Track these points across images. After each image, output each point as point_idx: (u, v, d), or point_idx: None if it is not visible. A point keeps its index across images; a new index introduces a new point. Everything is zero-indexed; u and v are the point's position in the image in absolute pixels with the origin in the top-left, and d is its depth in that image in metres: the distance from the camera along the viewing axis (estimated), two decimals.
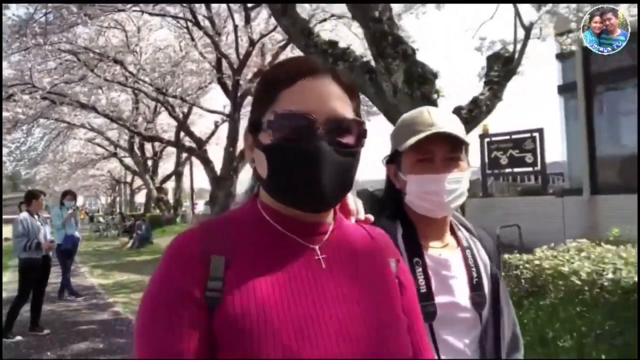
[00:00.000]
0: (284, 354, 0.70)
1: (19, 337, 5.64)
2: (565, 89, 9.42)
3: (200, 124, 19.94)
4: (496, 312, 1.18)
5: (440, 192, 1.13)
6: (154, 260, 12.27)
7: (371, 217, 1.03)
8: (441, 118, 1.17)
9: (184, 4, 11.62)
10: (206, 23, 12.40)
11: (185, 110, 16.51)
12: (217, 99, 45.45)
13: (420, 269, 1.12)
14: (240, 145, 14.56)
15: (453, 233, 1.24)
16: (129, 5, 11.22)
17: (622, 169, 8.77)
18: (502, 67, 6.07)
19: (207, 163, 15.07)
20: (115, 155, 25.99)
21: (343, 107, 0.80)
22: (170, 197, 24.39)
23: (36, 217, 6.06)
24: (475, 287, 1.15)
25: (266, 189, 0.82)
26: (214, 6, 12.54)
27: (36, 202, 6.16)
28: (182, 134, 17.20)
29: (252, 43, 12.50)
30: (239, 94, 13.37)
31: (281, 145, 0.77)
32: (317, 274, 0.79)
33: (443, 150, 1.14)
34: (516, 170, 11.15)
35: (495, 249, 1.27)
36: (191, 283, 0.73)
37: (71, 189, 9.87)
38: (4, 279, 6.42)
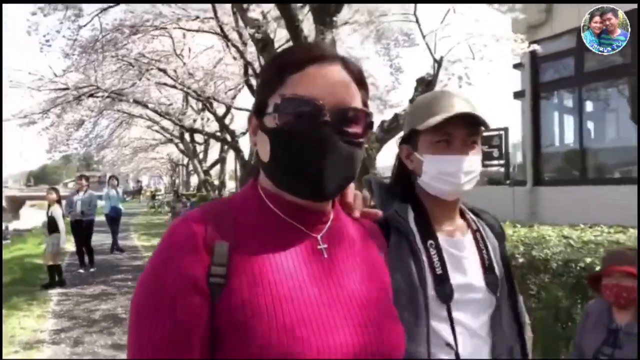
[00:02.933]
0: (288, 341, 0.69)
1: (81, 270, 8.44)
2: (519, 95, 11.05)
3: (239, 119, 22.68)
4: (512, 293, 1.19)
5: (458, 174, 1.12)
6: None
7: (379, 213, 1.01)
8: (460, 100, 1.16)
9: (215, 17, 14.09)
10: (233, 35, 14.83)
11: (224, 108, 19.27)
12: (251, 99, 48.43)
13: (435, 251, 1.11)
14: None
15: (462, 216, 1.23)
16: (171, 25, 13.82)
17: (561, 164, 10.38)
18: (424, 89, 8.00)
19: (237, 152, 17.78)
20: (171, 141, 29.34)
21: (351, 96, 0.78)
22: (216, 180, 27.42)
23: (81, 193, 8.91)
24: (488, 268, 1.15)
25: (266, 173, 0.81)
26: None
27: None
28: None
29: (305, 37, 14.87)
30: None
31: (286, 130, 0.75)
32: (320, 263, 0.78)
33: (462, 132, 1.12)
34: (486, 162, 12.98)
35: (502, 232, 1.27)
36: (194, 269, 0.71)
37: (114, 175, 12.96)
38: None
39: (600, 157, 9.57)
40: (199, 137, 27.60)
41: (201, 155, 27.82)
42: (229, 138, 18.17)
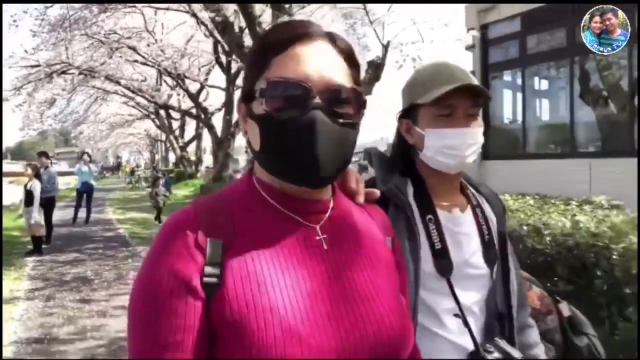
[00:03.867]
0: (285, 340, 0.66)
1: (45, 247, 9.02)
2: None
3: (213, 96, 22.98)
4: (505, 267, 1.18)
5: (461, 147, 1.10)
6: (167, 206, 15.69)
7: (377, 192, 0.97)
8: (461, 71, 1.13)
9: None
10: (203, 14, 15.14)
11: (198, 85, 19.61)
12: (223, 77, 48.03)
13: (434, 226, 1.10)
14: (236, 114, 17.41)
15: (462, 191, 1.21)
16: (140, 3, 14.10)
17: (507, 140, 11.18)
18: (373, 71, 8.62)
19: (210, 128, 18.26)
20: (148, 116, 29.54)
21: (341, 75, 0.75)
22: (192, 156, 27.82)
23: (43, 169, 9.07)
24: (487, 244, 1.14)
25: (259, 162, 0.78)
26: None
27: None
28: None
29: (241, 30, 15.17)
30: (232, 71, 16.30)
31: (274, 116, 0.71)
32: (319, 256, 0.75)
33: (465, 105, 1.10)
34: None
35: (501, 207, 1.25)
36: (188, 269, 0.69)
37: (87, 151, 13.39)
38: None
39: (539, 133, 10.37)
40: (175, 113, 27.92)
41: (178, 132, 28.16)
42: (202, 115, 18.66)
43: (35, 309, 5.03)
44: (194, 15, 14.79)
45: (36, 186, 8.00)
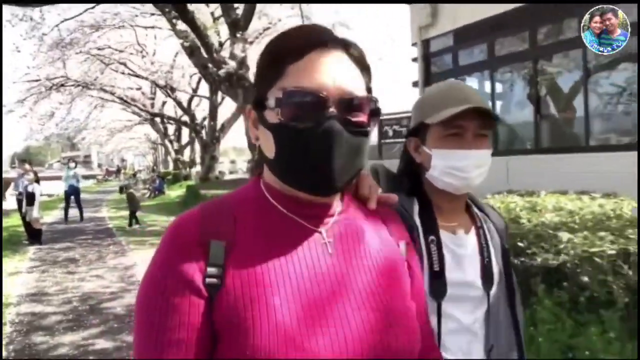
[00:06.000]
0: (287, 345, 0.66)
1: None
2: (415, 84, 13.31)
3: (203, 105, 24.68)
4: (510, 286, 1.18)
5: (468, 168, 1.10)
6: (158, 204, 17.46)
7: (395, 197, 0.95)
8: (472, 92, 1.14)
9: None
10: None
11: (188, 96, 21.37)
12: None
13: (435, 247, 1.10)
14: (221, 118, 19.33)
15: (467, 211, 1.22)
16: (128, 22, 15.79)
17: None
18: None
19: (197, 133, 20.01)
20: (147, 121, 31.28)
21: (355, 83, 0.75)
22: (187, 159, 29.59)
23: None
24: (486, 267, 1.14)
25: (272, 170, 0.77)
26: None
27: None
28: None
29: (220, 44, 16.86)
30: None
31: (290, 125, 0.72)
32: (323, 259, 0.75)
33: (474, 126, 1.10)
34: (398, 140, 15.32)
35: (504, 227, 1.26)
36: (190, 269, 0.70)
37: (72, 157, 15.33)
38: None
39: None
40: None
41: (175, 136, 29.91)
42: (189, 122, 20.40)
43: (33, 278, 6.73)
44: (176, 33, 16.30)
45: (36, 189, 9.68)
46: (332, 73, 0.73)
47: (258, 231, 0.75)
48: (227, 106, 17.61)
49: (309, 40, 0.74)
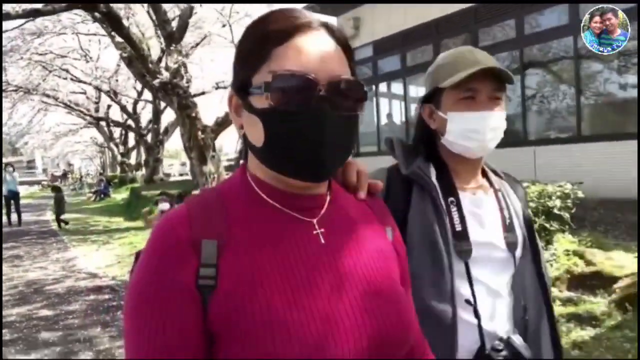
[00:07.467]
0: (275, 338, 0.65)
1: None
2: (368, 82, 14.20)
3: (149, 108, 25.05)
4: (534, 249, 1.19)
5: (483, 130, 1.10)
6: (102, 207, 17.91)
7: (380, 184, 0.92)
8: (484, 55, 1.14)
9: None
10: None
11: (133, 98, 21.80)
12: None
13: (455, 208, 1.10)
14: (165, 121, 19.99)
15: (485, 176, 1.22)
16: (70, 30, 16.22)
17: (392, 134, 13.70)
18: None
19: (142, 136, 20.59)
20: (92, 125, 31.13)
21: (342, 66, 0.74)
22: (133, 161, 29.83)
23: None
24: (508, 227, 1.14)
25: (262, 158, 0.75)
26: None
27: None
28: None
29: (162, 51, 17.56)
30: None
31: (280, 110, 0.69)
32: (317, 250, 0.74)
33: (488, 88, 1.10)
34: None
35: (524, 193, 1.27)
36: (181, 271, 0.67)
37: (10, 163, 15.94)
38: None
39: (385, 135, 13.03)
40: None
41: (120, 140, 30.02)
42: (134, 125, 20.87)
43: None
44: (116, 42, 16.89)
45: None
46: (320, 55, 0.71)
47: (249, 226, 0.72)
48: (171, 110, 18.28)
49: (293, 23, 0.72)
